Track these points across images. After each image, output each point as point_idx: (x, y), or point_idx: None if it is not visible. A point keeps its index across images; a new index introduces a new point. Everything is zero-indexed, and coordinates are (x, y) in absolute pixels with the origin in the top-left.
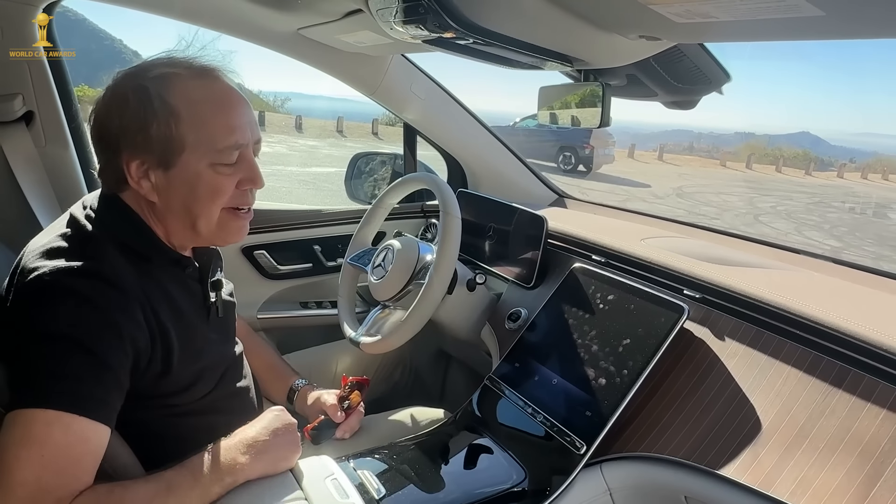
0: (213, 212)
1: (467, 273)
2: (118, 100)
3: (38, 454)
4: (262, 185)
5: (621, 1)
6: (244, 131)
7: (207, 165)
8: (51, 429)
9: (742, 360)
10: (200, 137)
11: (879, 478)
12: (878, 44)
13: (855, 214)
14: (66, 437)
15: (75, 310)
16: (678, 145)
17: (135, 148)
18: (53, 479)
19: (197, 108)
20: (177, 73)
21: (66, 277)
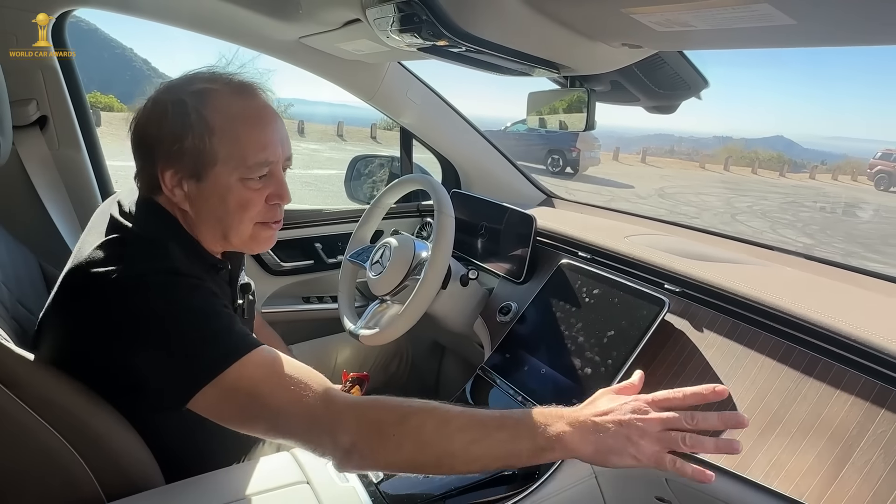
0: (245, 225)
1: (460, 269)
2: (158, 111)
3: (271, 386)
4: (288, 200)
5: (605, 11)
6: (275, 148)
7: (237, 179)
8: (255, 371)
9: (719, 350)
10: (233, 152)
11: (848, 460)
12: (847, 51)
13: (826, 213)
14: (268, 366)
15: (183, 295)
16: (660, 148)
17: (169, 158)
18: (303, 386)
19: (231, 123)
20: (215, 89)
21: (158, 275)
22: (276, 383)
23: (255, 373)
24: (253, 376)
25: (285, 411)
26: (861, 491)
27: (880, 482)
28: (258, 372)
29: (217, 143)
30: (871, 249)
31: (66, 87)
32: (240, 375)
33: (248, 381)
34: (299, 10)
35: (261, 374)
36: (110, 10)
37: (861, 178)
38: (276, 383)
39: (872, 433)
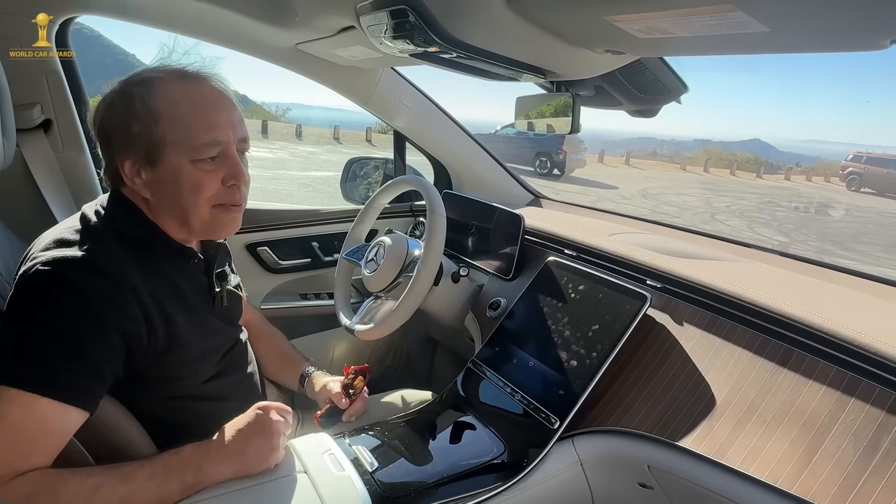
0: (202, 207)
1: (452, 266)
2: (106, 104)
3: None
4: (245, 181)
5: (589, 18)
6: (224, 129)
7: (188, 162)
8: (11, 406)
9: (698, 342)
10: (179, 135)
11: (820, 446)
12: (819, 58)
13: (800, 213)
14: (25, 417)
15: (62, 299)
16: (643, 151)
17: (123, 147)
18: (5, 455)
19: (175, 107)
20: (159, 77)
21: (60, 267)
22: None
23: (14, 412)
24: (10, 412)
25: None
26: (832, 475)
27: (850, 467)
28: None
29: (164, 127)
30: (843, 247)
31: (70, 92)
32: (9, 400)
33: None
34: (296, 18)
35: (14, 417)
36: (112, 17)
37: (833, 179)
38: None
39: (843, 421)
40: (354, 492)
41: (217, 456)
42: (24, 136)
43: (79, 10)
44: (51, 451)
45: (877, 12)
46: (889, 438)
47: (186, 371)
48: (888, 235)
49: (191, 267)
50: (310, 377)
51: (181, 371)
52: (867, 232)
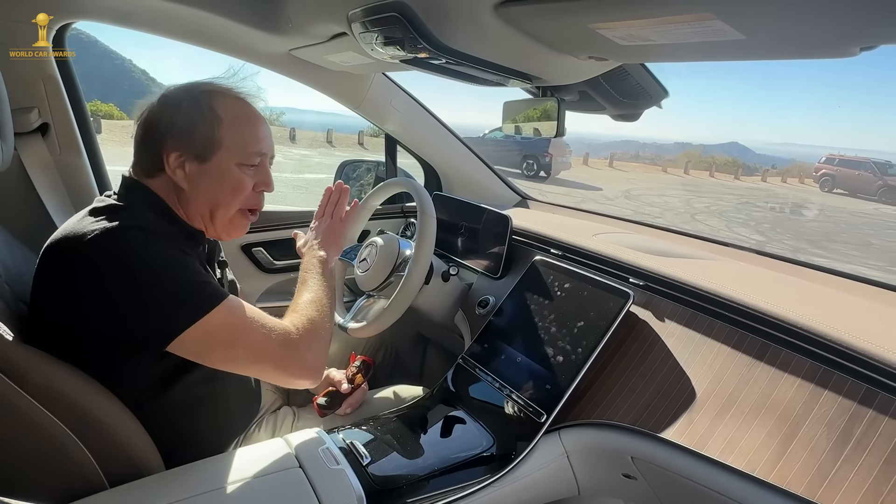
0: (233, 206)
1: (442, 265)
2: (171, 104)
3: (249, 329)
4: (273, 189)
5: (573, 26)
6: (267, 144)
7: (235, 164)
8: (233, 315)
9: (679, 338)
10: (235, 141)
11: (795, 437)
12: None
13: (776, 213)
14: (242, 312)
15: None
16: (626, 154)
17: (178, 142)
18: (271, 329)
19: (235, 118)
20: (222, 91)
21: (133, 231)
22: (252, 321)
23: (235, 314)
24: (233, 317)
25: (265, 341)
26: (807, 464)
27: (824, 456)
28: (237, 313)
29: (224, 132)
30: (817, 245)
31: (67, 96)
32: (222, 317)
33: (230, 321)
34: (289, 24)
35: (239, 315)
36: (109, 23)
37: (808, 181)
38: (253, 321)
39: (817, 412)
40: (348, 485)
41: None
42: (21, 139)
43: (76, 15)
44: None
45: (846, 22)
46: (860, 429)
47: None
48: (859, 234)
49: (197, 252)
50: None
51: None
52: (839, 231)
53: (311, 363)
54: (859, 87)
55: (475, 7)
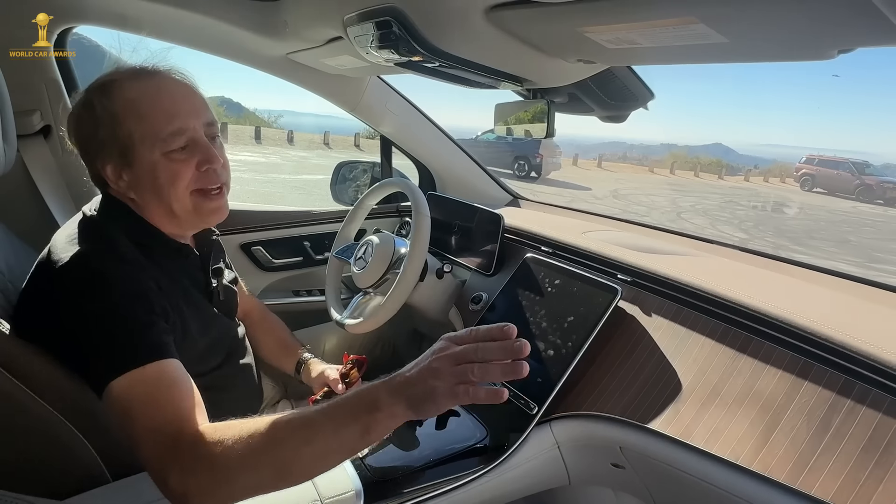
0: (182, 195)
1: (436, 263)
2: (74, 116)
3: (137, 412)
4: (219, 162)
5: (562, 30)
6: (187, 117)
7: (161, 155)
8: (133, 390)
9: (665, 332)
10: (145, 131)
11: (776, 426)
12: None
13: (759, 211)
14: (148, 387)
15: (104, 288)
16: (614, 154)
17: (98, 154)
18: (160, 421)
19: (135, 105)
20: (114, 80)
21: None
22: (134, 414)
23: (137, 390)
24: (135, 393)
25: (140, 438)
26: (788, 453)
27: (804, 445)
28: (139, 389)
29: (127, 126)
30: (797, 242)
31: (68, 99)
32: (127, 386)
33: (129, 396)
34: (286, 29)
35: (140, 393)
36: (109, 27)
37: (789, 180)
38: (134, 414)
39: (797, 402)
40: (346, 476)
41: (388, 387)
42: (24, 141)
43: (77, 19)
44: (189, 397)
45: (824, 26)
46: (839, 418)
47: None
48: (838, 232)
49: (188, 263)
50: (306, 363)
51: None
52: (819, 228)
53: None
54: (837, 89)
55: (467, 11)
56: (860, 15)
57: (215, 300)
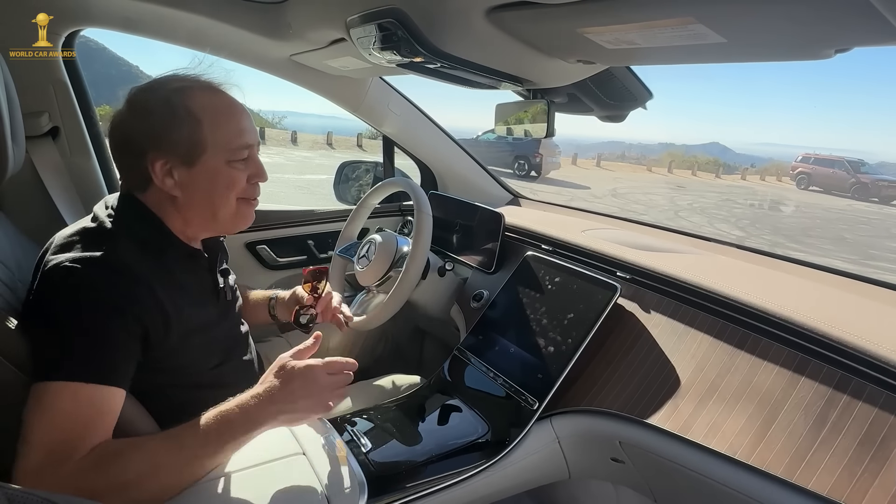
0: (231, 201)
1: (438, 261)
2: (140, 110)
3: (48, 420)
4: (266, 178)
5: (562, 31)
6: (252, 134)
7: (224, 162)
8: (60, 398)
9: (664, 328)
10: (218, 139)
11: (774, 421)
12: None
13: (755, 209)
14: (74, 404)
15: (82, 295)
16: (612, 154)
17: (160, 150)
18: (63, 440)
19: (214, 114)
20: (190, 86)
21: (77, 266)
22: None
23: (63, 402)
24: (60, 403)
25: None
26: (785, 447)
27: (801, 439)
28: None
29: (205, 131)
30: (793, 240)
31: (76, 100)
32: (56, 393)
33: (51, 403)
34: (290, 31)
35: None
36: (117, 30)
37: (785, 179)
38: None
39: (794, 398)
40: (350, 471)
41: (264, 412)
42: (33, 142)
43: (84, 22)
44: (107, 428)
45: (822, 26)
46: (835, 413)
47: (196, 360)
48: (833, 229)
49: (197, 266)
50: (276, 299)
51: (191, 360)
52: (815, 226)
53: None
54: (834, 89)
55: (468, 13)
56: (857, 14)
57: (222, 300)
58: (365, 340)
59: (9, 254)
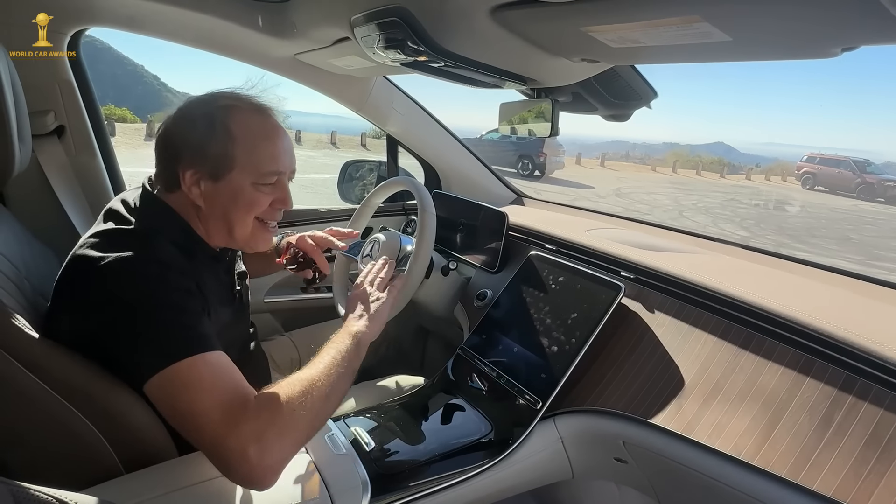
0: (248, 221)
1: (441, 261)
2: (186, 119)
3: (201, 389)
4: (290, 207)
5: (567, 29)
6: (284, 160)
7: (250, 183)
8: (195, 369)
9: (668, 328)
10: (249, 160)
11: (779, 422)
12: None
13: (760, 209)
14: (210, 368)
15: (151, 285)
16: (616, 154)
17: (193, 160)
18: (226, 397)
19: (250, 136)
20: (238, 106)
21: (136, 262)
22: (212, 382)
23: (199, 368)
24: (197, 370)
25: (210, 408)
26: (790, 448)
27: (806, 440)
28: (202, 368)
29: (237, 150)
30: (798, 240)
31: (82, 99)
32: (185, 370)
33: (187, 379)
34: (294, 30)
35: (204, 371)
36: (121, 29)
37: (790, 179)
38: (213, 382)
39: (799, 398)
40: (353, 470)
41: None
42: (39, 141)
43: (89, 21)
44: (240, 378)
45: (828, 24)
46: (841, 414)
47: None
48: (838, 229)
49: (218, 268)
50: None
51: None
52: (820, 227)
53: (255, 459)
54: (841, 88)
55: (472, 11)
56: (865, 13)
57: (237, 301)
58: None
59: (16, 251)
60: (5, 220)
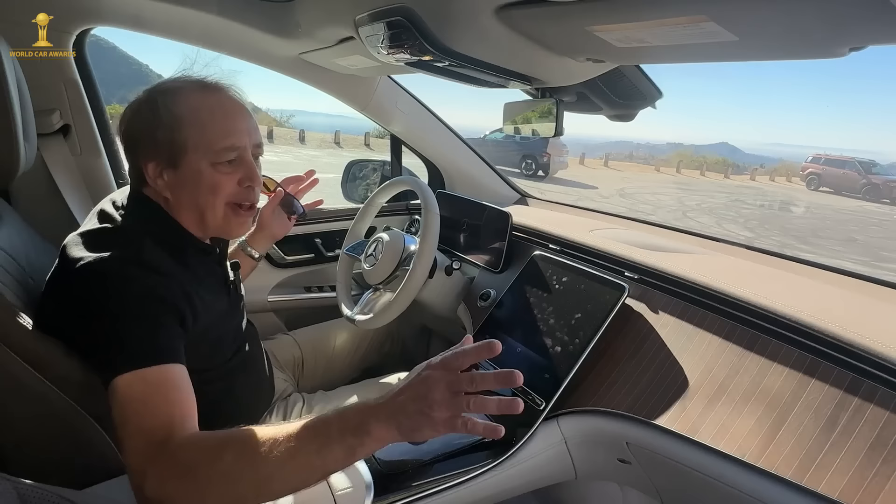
0: (217, 206)
1: (445, 260)
2: (132, 110)
3: (133, 411)
4: (258, 182)
5: (572, 29)
6: (241, 135)
7: (208, 165)
8: (132, 387)
9: (672, 329)
10: (200, 140)
11: (783, 423)
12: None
13: (764, 210)
14: (148, 387)
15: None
16: (620, 154)
17: (148, 151)
18: (154, 424)
19: (196, 114)
20: (180, 87)
21: (112, 264)
22: (127, 413)
23: (130, 392)
24: (127, 395)
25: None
26: (794, 450)
27: (811, 442)
28: (132, 392)
29: (185, 132)
30: (803, 241)
31: (87, 99)
32: (123, 386)
33: (123, 396)
34: (298, 29)
35: (131, 395)
36: (126, 28)
37: (795, 179)
38: (127, 413)
39: (804, 400)
40: (356, 470)
41: (379, 412)
42: (44, 140)
43: (94, 21)
44: (186, 402)
45: (836, 23)
46: (846, 415)
47: (214, 352)
48: (844, 230)
49: (209, 261)
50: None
51: (210, 351)
52: (825, 227)
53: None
54: (847, 88)
55: (477, 11)
56: (872, 12)
57: (232, 293)
58: (372, 339)
59: (20, 250)
60: (10, 218)
